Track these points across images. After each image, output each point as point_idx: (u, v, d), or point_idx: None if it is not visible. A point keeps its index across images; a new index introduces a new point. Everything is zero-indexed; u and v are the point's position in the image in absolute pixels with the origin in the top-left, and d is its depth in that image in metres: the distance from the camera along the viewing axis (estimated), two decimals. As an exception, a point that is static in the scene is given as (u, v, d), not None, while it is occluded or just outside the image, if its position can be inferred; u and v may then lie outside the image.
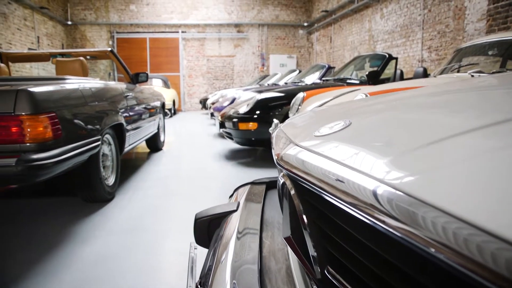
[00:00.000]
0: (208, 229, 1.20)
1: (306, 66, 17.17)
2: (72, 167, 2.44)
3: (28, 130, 2.09)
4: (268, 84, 9.68)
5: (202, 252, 1.12)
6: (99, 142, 2.80)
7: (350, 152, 0.55)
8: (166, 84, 13.26)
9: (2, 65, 3.91)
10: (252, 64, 17.17)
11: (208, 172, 4.24)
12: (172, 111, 12.96)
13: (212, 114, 7.24)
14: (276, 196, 1.38)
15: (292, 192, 0.66)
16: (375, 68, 4.92)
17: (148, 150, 5.68)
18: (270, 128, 3.35)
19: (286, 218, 0.72)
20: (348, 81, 4.89)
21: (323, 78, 5.49)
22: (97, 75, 16.38)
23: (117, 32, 16.53)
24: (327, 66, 7.02)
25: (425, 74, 4.66)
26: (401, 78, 5.07)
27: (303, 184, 0.62)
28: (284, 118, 4.27)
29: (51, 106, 2.25)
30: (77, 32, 16.41)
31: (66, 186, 3.47)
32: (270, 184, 1.49)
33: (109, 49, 4.38)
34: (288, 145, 0.72)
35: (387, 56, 4.94)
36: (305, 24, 16.96)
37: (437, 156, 0.46)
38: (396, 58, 4.99)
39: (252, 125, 4.31)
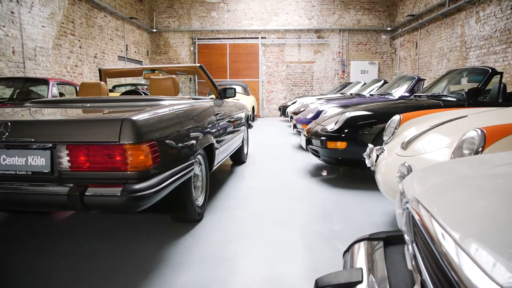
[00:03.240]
0: (331, 299, 1.12)
1: (389, 73, 16.55)
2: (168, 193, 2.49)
3: (131, 159, 2.13)
4: (351, 94, 9.43)
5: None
6: (193, 166, 2.84)
7: None
8: (246, 91, 13.44)
9: (102, 83, 4.11)
10: (332, 71, 16.89)
11: (293, 191, 4.20)
12: (251, 118, 13.11)
13: (295, 126, 7.18)
14: (399, 259, 1.26)
15: None
16: (475, 84, 4.55)
17: (231, 163, 5.75)
18: (365, 153, 3.20)
19: None
20: (444, 98, 4.56)
21: (416, 94, 5.18)
22: (178, 79, 17.08)
23: (198, 39, 17.12)
24: (416, 78, 6.65)
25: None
26: (504, 93, 4.63)
27: None
28: (374, 138, 4.09)
29: (151, 134, 2.29)
30: (161, 39, 17.26)
31: (158, 205, 3.58)
32: (388, 240, 1.38)
33: (199, 65, 4.46)
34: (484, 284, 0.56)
35: (490, 70, 4.53)
36: (388, 28, 16.34)
37: None
38: (501, 73, 4.55)
39: (340, 144, 4.18)
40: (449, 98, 4.53)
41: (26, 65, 8.49)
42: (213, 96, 5.08)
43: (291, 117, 8.95)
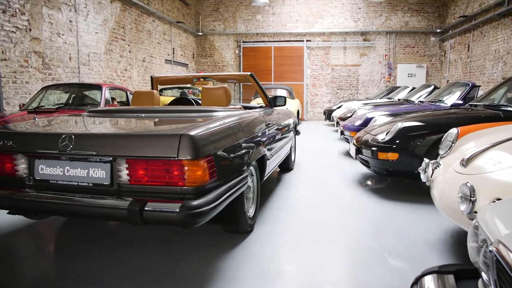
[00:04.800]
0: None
1: (437, 77, 16.01)
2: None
3: (188, 174, 2.15)
4: (398, 99, 9.19)
5: None
6: (247, 179, 2.84)
7: None
8: (291, 95, 13.39)
9: (155, 92, 4.17)
10: (378, 74, 16.53)
11: (341, 201, 4.15)
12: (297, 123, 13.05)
13: (342, 132, 7.07)
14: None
15: None
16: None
17: (278, 170, 5.73)
18: (420, 168, 3.10)
19: None
20: (504, 108, 4.33)
21: (471, 103, 4.97)
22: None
23: (243, 42, 17.25)
24: (470, 84, 6.38)
25: None
26: None
27: None
28: (427, 149, 3.95)
29: (208, 149, 2.30)
30: (207, 42, 17.53)
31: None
32: (458, 273, 1.32)
33: (249, 73, 4.46)
34: None
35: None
36: (438, 30, 15.79)
37: None
38: None
39: (391, 155, 4.07)
40: (509, 108, 4.30)
41: (80, 70, 8.87)
42: (262, 103, 5.08)
43: (337, 123, 8.83)
